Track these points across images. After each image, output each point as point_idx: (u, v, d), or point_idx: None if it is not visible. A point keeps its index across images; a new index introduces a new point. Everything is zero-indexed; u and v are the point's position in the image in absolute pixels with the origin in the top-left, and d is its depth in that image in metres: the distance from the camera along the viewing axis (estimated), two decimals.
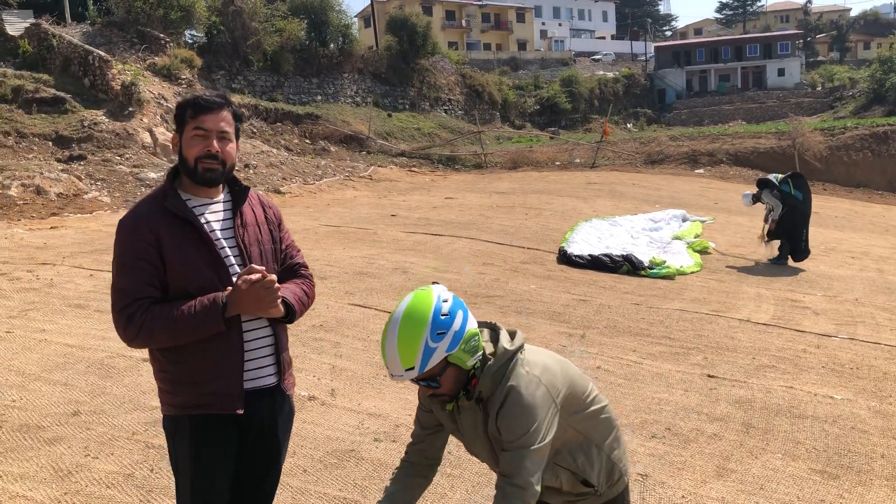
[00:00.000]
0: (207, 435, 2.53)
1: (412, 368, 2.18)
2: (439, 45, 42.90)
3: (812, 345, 7.22)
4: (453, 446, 4.60)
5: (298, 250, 2.87)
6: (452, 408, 2.37)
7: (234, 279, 2.50)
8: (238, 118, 2.65)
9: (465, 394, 2.31)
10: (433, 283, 2.40)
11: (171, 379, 2.53)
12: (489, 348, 2.34)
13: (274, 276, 2.50)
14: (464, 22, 69.22)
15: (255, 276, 2.44)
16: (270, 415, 2.64)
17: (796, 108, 50.04)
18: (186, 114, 2.54)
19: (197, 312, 2.41)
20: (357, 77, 35.62)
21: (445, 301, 2.24)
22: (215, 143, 2.54)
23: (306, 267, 2.85)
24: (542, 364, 2.36)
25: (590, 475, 2.43)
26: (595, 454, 2.46)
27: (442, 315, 2.20)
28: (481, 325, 2.38)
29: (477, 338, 2.27)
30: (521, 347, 2.36)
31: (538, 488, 2.24)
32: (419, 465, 2.58)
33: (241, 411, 2.54)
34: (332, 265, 10.13)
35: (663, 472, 4.39)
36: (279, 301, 2.53)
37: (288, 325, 2.72)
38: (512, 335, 2.41)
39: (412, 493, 2.55)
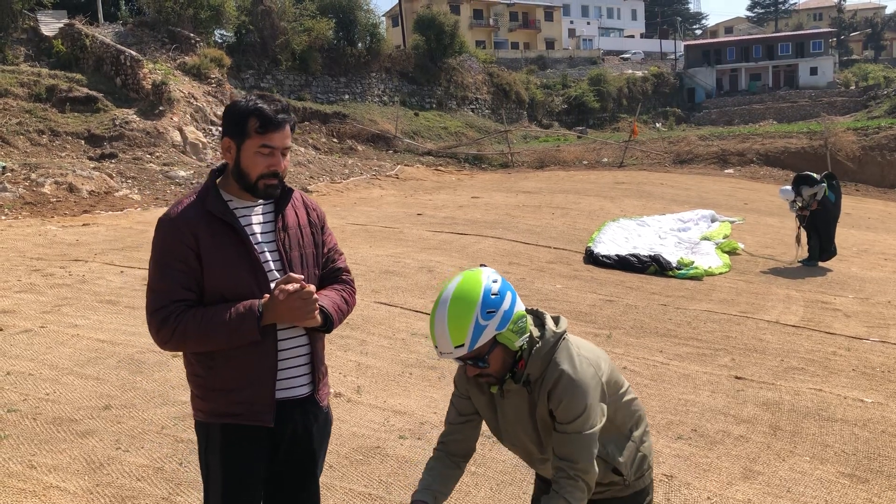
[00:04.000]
0: (239, 447, 2.45)
1: (462, 346, 2.19)
2: (467, 44, 42.93)
3: (842, 347, 7.12)
4: (478, 444, 4.62)
5: (341, 254, 2.75)
6: (496, 391, 2.36)
7: (272, 286, 2.41)
8: (294, 127, 2.53)
9: (511, 376, 2.32)
10: (481, 265, 2.41)
11: (204, 384, 2.46)
12: (535, 332, 2.36)
13: (312, 287, 2.39)
14: (491, 21, 69.14)
15: (292, 287, 2.35)
16: (304, 426, 2.54)
17: (829, 107, 49.26)
18: (250, 125, 2.40)
19: (232, 319, 2.33)
20: (384, 76, 35.75)
21: (495, 282, 2.25)
22: (282, 161, 2.46)
23: (348, 272, 2.74)
24: (585, 346, 2.42)
25: (620, 464, 2.43)
26: (626, 444, 2.47)
27: (492, 294, 2.21)
28: (526, 311, 2.38)
29: (525, 319, 2.27)
30: (566, 330, 2.38)
31: (597, 469, 2.27)
32: (453, 454, 2.57)
33: (271, 424, 2.46)
34: (358, 263, 10.19)
35: (689, 474, 4.36)
36: (317, 312, 2.44)
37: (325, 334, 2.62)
38: (556, 320, 2.43)
39: (447, 484, 2.53)
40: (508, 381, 2.32)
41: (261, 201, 2.53)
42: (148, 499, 3.93)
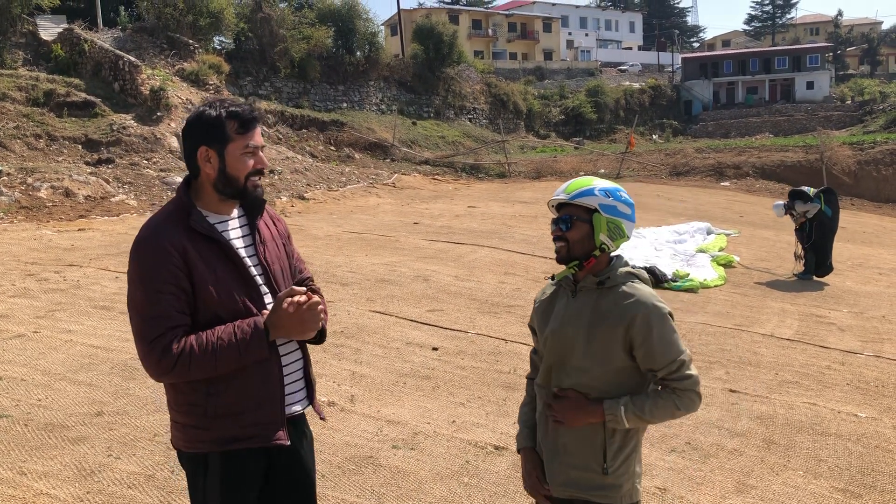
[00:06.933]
0: (240, 470, 2.37)
1: (569, 194, 2.45)
2: (465, 54, 43.05)
3: (837, 361, 7.13)
4: (472, 455, 4.61)
5: (304, 263, 2.73)
6: (563, 279, 2.52)
7: (270, 301, 2.38)
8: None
9: (579, 266, 2.46)
10: None
11: (204, 413, 2.30)
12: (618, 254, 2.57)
13: (317, 298, 2.36)
14: (490, 31, 69.37)
15: (300, 299, 2.30)
16: (299, 443, 2.51)
17: (825, 121, 49.46)
18: (230, 128, 2.33)
19: (239, 340, 2.24)
20: (383, 85, 35.83)
21: (628, 198, 2.49)
22: (264, 157, 2.42)
23: (313, 280, 2.71)
24: None
25: (609, 449, 2.39)
26: (630, 431, 2.43)
27: (619, 193, 2.47)
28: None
29: (621, 232, 2.46)
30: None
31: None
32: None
33: (287, 442, 2.40)
34: (354, 272, 10.18)
35: (682, 487, 4.35)
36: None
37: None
38: None
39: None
40: (588, 278, 2.46)
41: (235, 214, 2.46)
42: None
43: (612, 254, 2.50)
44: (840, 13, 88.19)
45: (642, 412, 2.34)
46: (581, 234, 2.43)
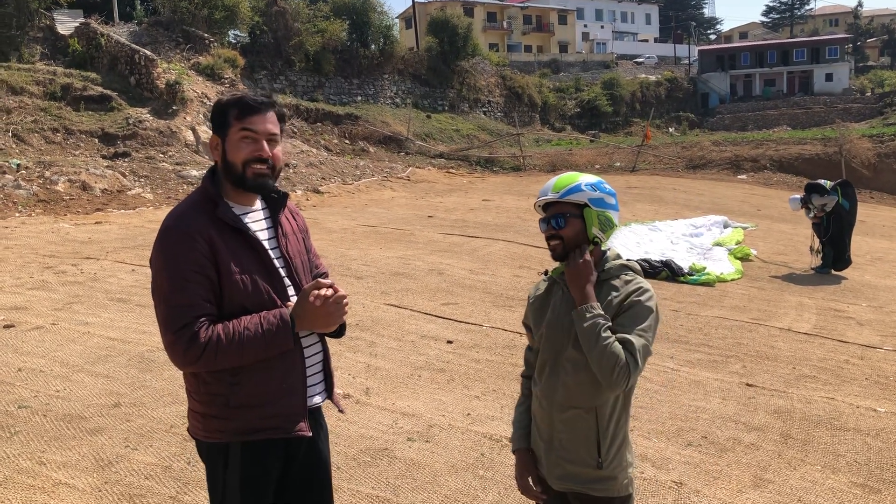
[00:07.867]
0: (261, 461, 2.37)
1: (558, 192, 2.49)
2: (480, 47, 42.88)
3: (855, 356, 7.06)
4: (487, 448, 4.60)
5: (320, 258, 2.74)
6: (560, 274, 2.56)
7: (293, 293, 2.40)
8: (282, 118, 2.47)
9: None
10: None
11: (227, 403, 2.31)
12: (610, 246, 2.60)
13: (343, 292, 2.37)
14: (505, 23, 69.18)
15: (327, 292, 2.31)
16: (316, 434, 2.51)
17: (844, 113, 48.85)
18: (230, 115, 2.35)
19: (266, 330, 2.25)
20: (397, 78, 35.78)
21: (612, 189, 2.55)
22: (266, 146, 2.37)
23: (328, 275, 2.68)
24: None
25: (604, 439, 2.42)
26: (620, 423, 2.46)
27: (604, 186, 2.52)
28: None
29: (611, 223, 2.51)
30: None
31: (639, 374, 2.37)
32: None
33: (309, 433, 2.41)
34: (368, 265, 10.19)
35: (698, 481, 4.33)
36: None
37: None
38: None
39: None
40: None
41: (258, 206, 2.47)
42: (156, 497, 3.93)
43: (602, 247, 2.54)
44: (860, 4, 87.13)
45: (599, 333, 2.31)
46: (575, 231, 2.48)
